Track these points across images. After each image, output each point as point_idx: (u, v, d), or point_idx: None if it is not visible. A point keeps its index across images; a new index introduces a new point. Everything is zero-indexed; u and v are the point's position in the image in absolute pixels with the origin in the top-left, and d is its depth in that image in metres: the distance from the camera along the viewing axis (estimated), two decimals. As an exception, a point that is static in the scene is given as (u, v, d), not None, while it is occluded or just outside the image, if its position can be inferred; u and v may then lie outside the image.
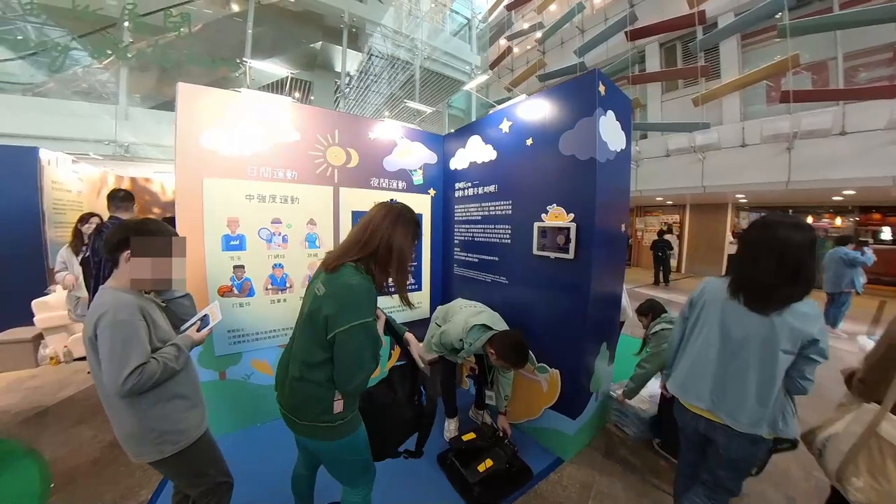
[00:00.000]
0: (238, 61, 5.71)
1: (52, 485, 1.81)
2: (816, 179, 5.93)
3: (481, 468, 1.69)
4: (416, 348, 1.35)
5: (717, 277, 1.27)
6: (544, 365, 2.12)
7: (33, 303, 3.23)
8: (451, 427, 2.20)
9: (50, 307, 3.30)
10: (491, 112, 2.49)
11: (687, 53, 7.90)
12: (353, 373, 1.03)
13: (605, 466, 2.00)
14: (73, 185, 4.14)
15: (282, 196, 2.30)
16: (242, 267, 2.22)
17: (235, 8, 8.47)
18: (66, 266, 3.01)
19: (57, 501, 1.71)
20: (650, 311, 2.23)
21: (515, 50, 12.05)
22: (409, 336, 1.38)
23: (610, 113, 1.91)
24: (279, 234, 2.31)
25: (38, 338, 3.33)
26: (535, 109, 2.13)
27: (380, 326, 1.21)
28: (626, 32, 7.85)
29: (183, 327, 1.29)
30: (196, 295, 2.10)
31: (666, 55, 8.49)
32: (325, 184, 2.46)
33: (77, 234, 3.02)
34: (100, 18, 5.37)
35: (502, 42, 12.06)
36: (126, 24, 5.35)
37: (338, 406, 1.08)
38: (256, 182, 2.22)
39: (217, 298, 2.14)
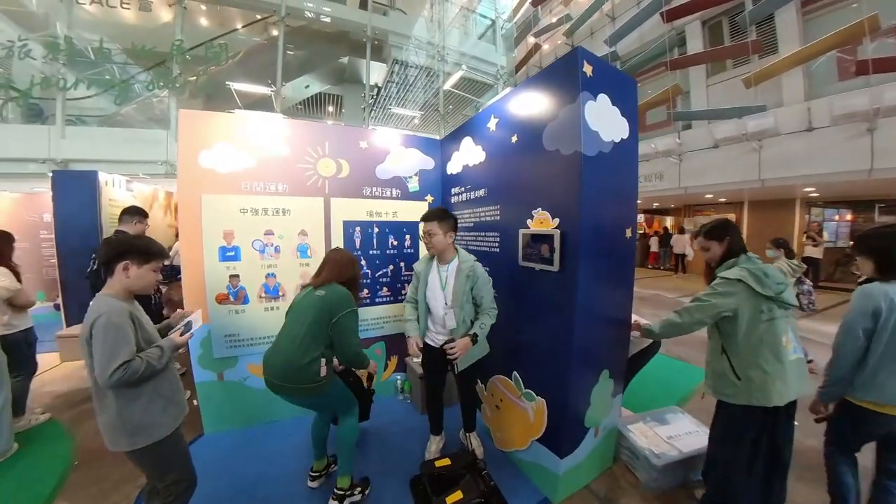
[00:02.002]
0: (227, 85, 6.15)
1: (75, 462, 2.05)
2: (911, 165, 4.89)
3: (449, 500, 1.55)
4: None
5: (883, 283, 1.38)
6: (531, 392, 1.91)
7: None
8: (431, 448, 2.09)
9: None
10: (481, 110, 2.37)
11: (735, 29, 7.01)
12: (352, 342, 1.67)
13: (601, 516, 1.72)
14: (128, 201, 4.70)
15: (273, 209, 2.38)
16: (238, 276, 2.32)
17: (275, 33, 9.20)
18: None
19: (76, 478, 1.93)
20: (725, 235, 1.56)
21: (545, 46, 11.63)
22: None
23: (602, 97, 1.64)
24: (272, 244, 2.39)
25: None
26: (519, 102, 1.96)
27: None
28: (661, 13, 7.18)
29: (171, 332, 1.41)
30: (195, 302, 2.25)
31: (710, 34, 7.61)
32: (316, 195, 2.50)
33: None
34: (155, 55, 6.11)
35: (530, 40, 11.69)
36: (175, 58, 6.02)
37: (323, 370, 1.63)
38: (250, 196, 2.32)
39: (214, 306, 2.27)
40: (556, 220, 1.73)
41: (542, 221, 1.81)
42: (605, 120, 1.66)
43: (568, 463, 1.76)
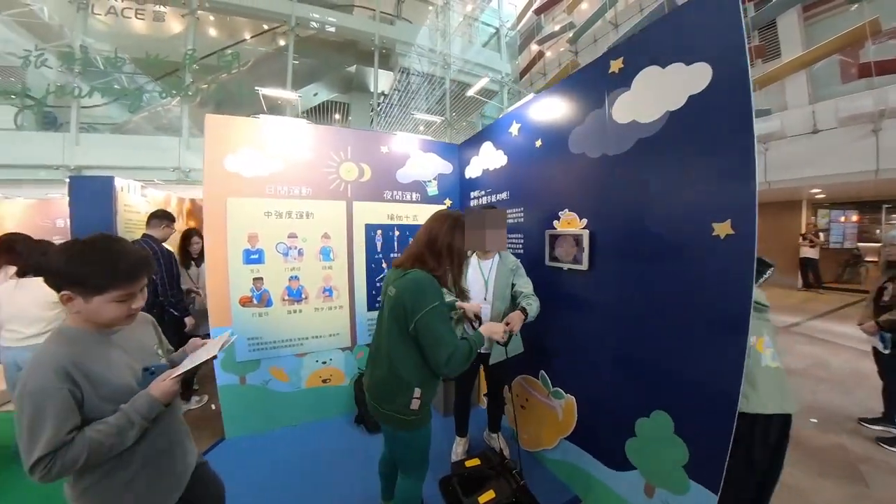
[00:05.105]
0: (240, 92, 6.24)
1: None
2: (917, 166, 4.93)
3: (482, 499, 1.55)
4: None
5: None
6: (559, 389, 1.91)
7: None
8: (458, 449, 2.09)
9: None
10: (500, 116, 2.41)
11: (739, 36, 7.13)
12: (439, 351, 1.15)
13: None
14: (142, 207, 4.73)
15: (297, 212, 2.41)
16: (261, 279, 2.34)
17: (282, 42, 9.35)
18: None
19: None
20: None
21: (548, 54, 11.78)
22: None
23: (647, 72, 1.37)
24: (295, 247, 2.41)
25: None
26: (543, 109, 2.00)
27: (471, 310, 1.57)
28: (665, 22, 7.29)
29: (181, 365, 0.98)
30: (219, 305, 2.27)
31: (714, 41, 7.72)
32: (339, 198, 2.53)
33: (184, 252, 3.25)
34: (167, 64, 6.22)
35: (534, 48, 11.85)
36: (187, 67, 6.13)
37: (415, 404, 1.23)
38: (274, 199, 2.35)
39: (237, 308, 2.28)
40: (584, 221, 1.75)
41: (569, 222, 1.83)
42: (650, 97, 1.38)
43: (604, 470, 1.66)
